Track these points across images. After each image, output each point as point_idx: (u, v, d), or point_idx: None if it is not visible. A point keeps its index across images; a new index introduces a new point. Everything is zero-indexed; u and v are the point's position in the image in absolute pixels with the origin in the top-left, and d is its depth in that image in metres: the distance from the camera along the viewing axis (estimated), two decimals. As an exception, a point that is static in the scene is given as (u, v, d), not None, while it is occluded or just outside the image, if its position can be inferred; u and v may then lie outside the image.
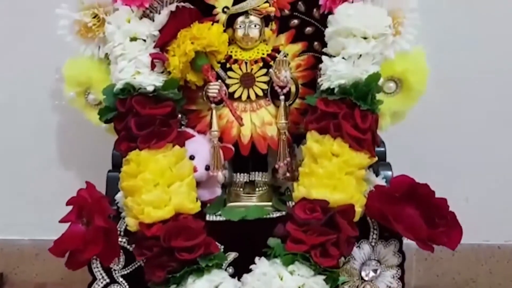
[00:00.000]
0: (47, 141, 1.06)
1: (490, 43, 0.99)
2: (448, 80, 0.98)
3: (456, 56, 1.00)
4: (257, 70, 0.79)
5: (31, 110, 1.04)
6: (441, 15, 0.96)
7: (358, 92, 0.73)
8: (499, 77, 1.01)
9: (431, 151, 1.05)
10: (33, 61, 1.01)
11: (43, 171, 1.07)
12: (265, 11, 0.78)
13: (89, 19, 0.79)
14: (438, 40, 0.93)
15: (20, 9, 0.99)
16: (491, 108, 1.03)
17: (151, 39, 0.79)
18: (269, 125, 0.80)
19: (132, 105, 0.74)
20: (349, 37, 0.75)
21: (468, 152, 1.05)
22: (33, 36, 0.99)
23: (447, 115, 1.02)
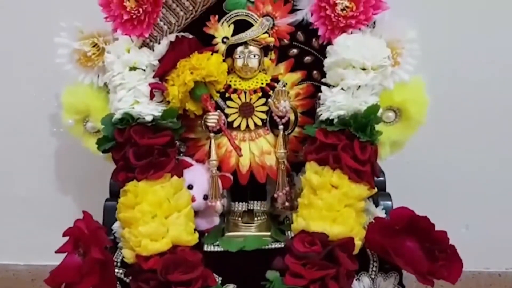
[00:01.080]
0: (44, 166, 1.05)
1: (489, 70, 1.00)
2: (447, 109, 0.98)
3: (455, 84, 1.00)
4: (256, 100, 0.79)
5: (29, 135, 1.04)
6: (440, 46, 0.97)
7: (357, 123, 0.73)
8: (498, 104, 1.02)
9: (431, 178, 1.04)
10: (32, 87, 1.01)
11: (40, 196, 1.06)
12: (264, 42, 0.78)
13: (89, 48, 0.79)
14: (437, 69, 0.93)
15: (20, 35, 1.00)
16: (490, 136, 1.03)
17: (150, 68, 0.79)
18: (268, 155, 0.79)
19: (131, 135, 0.73)
20: (348, 68, 0.75)
21: (468, 180, 1.05)
22: (33, 62, 1.00)
23: (446, 143, 1.02)
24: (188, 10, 0.79)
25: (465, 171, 1.05)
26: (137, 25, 0.77)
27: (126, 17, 0.76)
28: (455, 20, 0.98)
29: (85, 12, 0.79)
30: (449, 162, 1.04)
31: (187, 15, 0.80)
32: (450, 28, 0.98)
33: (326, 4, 0.76)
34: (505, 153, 1.04)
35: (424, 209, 0.71)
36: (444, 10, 0.97)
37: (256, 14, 0.79)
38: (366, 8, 0.76)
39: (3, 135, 1.05)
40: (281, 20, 0.79)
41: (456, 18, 0.98)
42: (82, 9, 0.81)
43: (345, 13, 0.76)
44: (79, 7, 0.85)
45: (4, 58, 1.01)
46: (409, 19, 0.79)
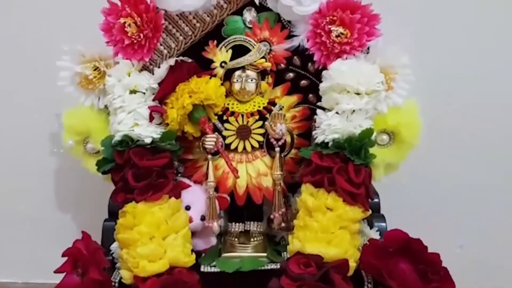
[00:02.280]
0: (44, 185, 1.06)
1: (482, 93, 1.02)
2: (440, 130, 1.00)
3: (449, 107, 1.02)
4: (253, 123, 0.81)
5: (29, 154, 1.05)
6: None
7: (351, 147, 0.75)
8: (492, 127, 1.03)
9: (425, 199, 1.06)
10: (33, 107, 1.02)
11: (39, 215, 1.07)
12: (261, 66, 0.80)
13: (90, 71, 0.81)
14: (430, 92, 0.95)
15: (23, 57, 1.01)
16: (484, 157, 1.04)
17: (150, 91, 0.81)
18: (264, 176, 0.81)
19: (130, 157, 0.75)
20: (342, 92, 0.77)
21: (462, 200, 1.06)
22: (35, 83, 1.01)
23: (440, 165, 1.04)
24: (188, 35, 0.82)
25: (459, 191, 1.06)
26: (137, 49, 0.79)
27: (127, 42, 0.78)
28: (447, 45, 1.00)
29: (87, 36, 0.80)
30: (443, 183, 1.05)
31: (187, 39, 0.82)
32: (442, 53, 1.00)
33: (322, 30, 0.78)
34: (499, 174, 1.05)
35: (418, 229, 0.72)
36: (435, 36, 0.99)
37: (254, 40, 0.81)
38: (360, 35, 0.78)
39: (3, 153, 1.06)
40: (278, 46, 0.81)
41: (448, 43, 1.00)
42: (84, 33, 0.83)
43: (339, 39, 0.78)
44: (81, 31, 0.86)
45: (7, 78, 1.03)
46: (402, 45, 0.81)
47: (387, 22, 0.79)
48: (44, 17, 0.99)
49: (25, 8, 1.00)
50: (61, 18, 0.97)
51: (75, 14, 0.95)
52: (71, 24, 0.95)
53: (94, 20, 0.80)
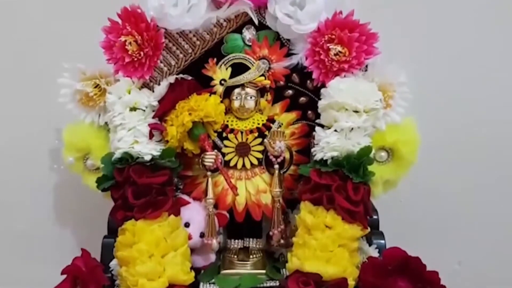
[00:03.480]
0: (44, 201, 1.06)
1: (480, 111, 1.03)
2: (439, 148, 1.00)
3: (446, 123, 1.02)
4: (252, 140, 0.81)
5: (29, 170, 1.05)
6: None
7: (350, 164, 0.75)
8: (490, 143, 1.04)
9: (423, 215, 1.06)
10: (33, 123, 1.03)
11: (38, 231, 1.07)
12: (260, 84, 0.81)
13: (91, 89, 0.82)
14: (429, 109, 0.96)
15: (24, 73, 1.02)
16: (482, 172, 1.05)
17: (150, 108, 0.81)
18: (263, 193, 0.81)
19: (130, 175, 0.75)
20: (341, 110, 0.77)
21: (460, 216, 1.07)
22: (35, 99, 1.02)
23: (439, 181, 1.04)
24: (188, 53, 0.82)
25: (458, 208, 1.06)
26: (138, 67, 0.80)
27: (128, 60, 0.79)
28: (445, 63, 1.01)
29: (88, 53, 0.81)
30: (441, 200, 1.05)
31: (187, 57, 0.83)
32: (441, 70, 1.01)
33: (320, 49, 0.79)
34: (497, 191, 1.05)
35: (417, 245, 0.73)
36: (433, 54, 1.01)
37: (253, 57, 0.81)
38: (358, 53, 0.79)
39: (2, 168, 1.06)
40: (277, 64, 0.82)
41: (446, 60, 1.01)
42: (85, 50, 0.83)
43: (338, 57, 0.79)
44: (82, 48, 0.87)
45: (7, 94, 1.03)
46: (400, 63, 0.82)
47: (385, 40, 0.80)
48: (45, 33, 1.00)
49: (26, 25, 1.01)
50: (61, 34, 0.98)
51: (76, 31, 0.96)
52: (72, 41, 0.96)
53: (95, 37, 0.80)
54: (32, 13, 1.00)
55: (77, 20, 0.97)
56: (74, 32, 0.97)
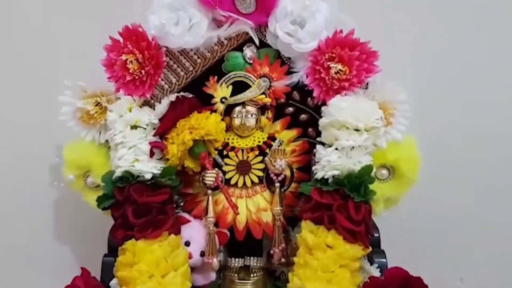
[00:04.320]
0: (44, 218, 1.05)
1: (482, 129, 1.03)
2: (440, 164, 1.00)
3: (447, 140, 1.03)
4: (253, 158, 0.81)
5: (29, 186, 1.04)
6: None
7: (351, 183, 0.75)
8: (491, 159, 1.04)
9: (425, 232, 1.05)
10: (33, 138, 1.03)
11: (38, 247, 1.06)
12: (261, 102, 0.81)
13: (92, 107, 0.81)
14: (431, 127, 0.97)
15: (23, 89, 1.02)
16: (482, 190, 1.05)
17: (151, 127, 0.81)
18: (264, 211, 0.81)
19: (130, 194, 0.75)
20: (341, 129, 0.77)
21: (462, 233, 1.06)
22: (36, 115, 1.02)
23: (440, 199, 1.04)
24: (189, 71, 0.82)
25: (459, 224, 1.06)
26: (139, 85, 0.80)
27: (129, 78, 0.79)
28: (445, 80, 1.01)
29: (89, 71, 0.82)
30: (442, 217, 1.05)
31: (188, 75, 0.83)
32: (441, 88, 1.01)
33: (321, 67, 0.79)
34: (498, 207, 1.05)
35: (418, 262, 0.72)
36: (433, 72, 1.01)
37: (254, 75, 0.82)
38: (359, 71, 0.79)
39: (2, 185, 1.06)
40: (277, 82, 0.82)
41: (446, 78, 1.01)
42: (86, 68, 0.84)
43: (338, 76, 0.79)
44: (83, 66, 0.87)
45: (8, 111, 1.03)
46: (400, 81, 0.82)
47: (385, 58, 0.80)
48: (46, 50, 1.00)
49: (27, 41, 1.01)
50: (63, 52, 0.99)
51: (77, 49, 0.96)
52: (73, 59, 0.97)
53: (96, 55, 0.80)
54: (34, 29, 1.01)
55: (79, 38, 0.97)
56: (76, 49, 0.97)
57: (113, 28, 0.79)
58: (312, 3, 0.77)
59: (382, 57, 0.80)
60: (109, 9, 0.96)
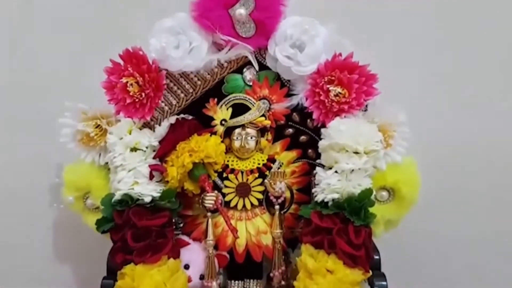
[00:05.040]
0: (42, 239, 1.05)
1: (482, 150, 1.03)
2: (440, 186, 1.00)
3: (448, 163, 1.03)
4: (252, 180, 0.81)
5: (29, 206, 1.04)
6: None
7: (351, 207, 0.75)
8: (492, 180, 1.04)
9: (425, 254, 1.05)
10: (33, 159, 1.03)
11: (36, 268, 1.06)
12: (261, 125, 0.81)
13: (92, 129, 0.82)
14: (430, 149, 0.97)
15: (23, 110, 1.02)
16: (483, 212, 1.04)
17: (150, 149, 0.81)
18: (264, 234, 0.81)
19: (129, 217, 0.75)
20: (341, 152, 0.77)
21: (462, 255, 1.06)
22: (35, 136, 1.02)
23: (441, 220, 1.04)
24: (189, 92, 0.83)
25: (460, 246, 1.05)
26: (139, 108, 0.80)
27: (129, 101, 0.79)
28: (444, 103, 1.02)
29: (89, 93, 0.82)
30: (444, 238, 1.05)
31: (188, 96, 0.83)
32: (440, 110, 1.02)
33: (320, 90, 0.80)
34: (499, 230, 1.05)
35: (419, 285, 0.72)
36: (432, 94, 1.01)
37: (253, 98, 0.82)
38: (358, 94, 0.79)
39: (3, 205, 1.05)
40: (277, 105, 0.82)
41: (445, 101, 1.02)
42: (86, 90, 0.84)
43: (338, 98, 0.79)
44: (83, 88, 0.87)
45: (8, 131, 1.04)
46: (400, 103, 0.82)
47: (385, 81, 0.81)
48: (47, 72, 1.01)
49: (29, 63, 1.01)
50: (63, 74, 0.99)
51: (77, 71, 0.97)
52: (73, 80, 0.97)
53: (96, 78, 0.81)
54: (35, 50, 1.01)
55: (80, 60, 0.98)
56: (76, 71, 0.98)
57: (114, 51, 0.80)
58: (311, 27, 0.78)
59: (381, 79, 0.80)
60: (110, 31, 0.97)
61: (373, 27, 0.97)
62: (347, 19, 0.84)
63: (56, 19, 1.00)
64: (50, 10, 1.00)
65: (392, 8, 0.98)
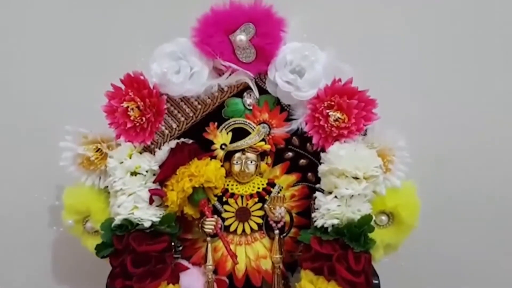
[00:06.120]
0: (41, 260, 1.04)
1: (480, 174, 1.03)
2: (440, 210, 1.00)
3: (447, 186, 1.03)
4: (252, 205, 0.81)
5: (29, 228, 1.03)
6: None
7: (351, 233, 0.75)
8: (489, 207, 1.04)
9: (425, 278, 1.04)
10: (33, 178, 1.02)
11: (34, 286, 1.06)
12: (261, 149, 0.82)
13: (92, 153, 0.82)
14: (429, 173, 0.97)
15: (23, 132, 1.02)
16: (484, 235, 1.04)
17: (150, 173, 0.81)
18: (263, 259, 0.81)
19: (129, 243, 0.75)
20: (341, 177, 0.78)
21: (463, 278, 1.05)
22: (35, 158, 1.02)
23: (440, 242, 1.03)
24: (189, 116, 0.83)
25: (460, 270, 1.05)
26: (139, 132, 0.80)
27: (130, 125, 0.80)
28: (443, 127, 1.02)
29: (90, 117, 0.82)
30: (443, 262, 1.04)
31: (188, 120, 0.83)
32: (439, 135, 1.02)
33: (320, 115, 0.80)
34: (499, 253, 1.04)
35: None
36: (431, 118, 1.01)
37: (253, 122, 0.83)
38: (357, 119, 0.80)
39: (3, 226, 1.05)
40: (277, 130, 0.83)
41: (443, 125, 1.02)
42: (87, 114, 0.84)
43: (337, 124, 0.79)
44: (84, 112, 0.88)
45: (7, 153, 1.03)
46: (399, 128, 0.82)
47: (384, 105, 0.81)
48: (48, 96, 1.01)
49: (30, 87, 1.01)
50: (64, 97, 0.99)
51: (79, 95, 0.97)
52: (75, 104, 0.97)
53: (97, 102, 0.81)
54: (36, 74, 1.01)
55: (81, 84, 0.98)
56: (77, 95, 0.98)
57: (115, 75, 0.80)
58: (311, 53, 0.79)
59: (380, 104, 0.81)
60: (111, 56, 0.98)
61: (372, 52, 0.98)
62: (347, 44, 0.85)
63: (55, 45, 1.00)
64: (49, 36, 1.01)
65: (391, 33, 0.99)
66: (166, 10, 0.98)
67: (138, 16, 0.99)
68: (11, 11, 1.00)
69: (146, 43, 0.83)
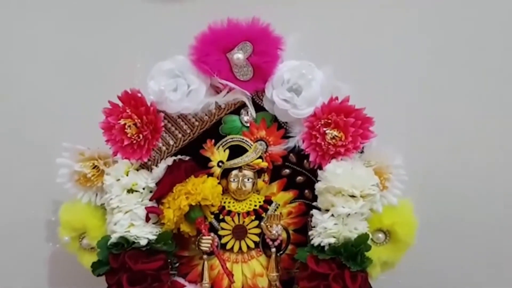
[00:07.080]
0: (38, 275, 1.04)
1: (477, 190, 1.03)
2: (436, 226, 1.00)
3: (445, 204, 1.02)
4: (249, 222, 0.81)
5: (24, 244, 1.02)
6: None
7: (347, 252, 0.75)
8: (487, 222, 1.03)
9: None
10: (30, 194, 1.02)
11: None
12: (258, 167, 0.81)
13: (89, 170, 0.82)
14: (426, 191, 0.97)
15: (21, 147, 1.02)
16: (482, 253, 1.04)
17: (147, 190, 0.81)
18: (260, 277, 0.81)
19: (125, 261, 0.75)
20: (337, 195, 0.78)
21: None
22: (32, 172, 1.01)
23: (437, 260, 1.03)
24: (186, 133, 0.83)
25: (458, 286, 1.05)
26: (136, 149, 0.80)
27: (127, 142, 0.79)
28: (440, 145, 1.02)
29: (87, 134, 0.82)
30: (441, 280, 1.04)
31: (185, 137, 0.83)
32: (436, 152, 1.02)
33: (317, 133, 0.80)
34: (497, 268, 1.04)
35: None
36: (428, 136, 1.02)
37: (251, 139, 0.82)
38: (354, 137, 0.80)
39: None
40: (274, 147, 0.82)
41: (440, 142, 1.02)
42: (84, 131, 0.84)
43: (334, 142, 0.79)
44: (81, 128, 0.88)
45: (6, 168, 1.03)
46: (396, 146, 0.83)
47: (381, 123, 0.81)
48: (45, 112, 1.01)
49: (27, 103, 1.01)
50: (61, 114, 0.99)
51: (76, 112, 0.97)
52: (72, 121, 0.97)
53: (95, 119, 0.81)
54: (34, 90, 1.01)
55: (79, 101, 0.98)
56: (75, 112, 0.98)
57: (112, 92, 0.80)
58: (308, 71, 0.79)
59: (377, 122, 0.81)
60: (109, 73, 0.98)
61: (369, 70, 0.98)
62: (344, 62, 0.84)
63: (53, 62, 1.00)
64: (46, 53, 1.01)
65: (388, 50, 0.99)
66: (164, 28, 0.99)
67: (136, 34, 0.99)
68: (9, 27, 1.01)
69: (144, 60, 0.83)
